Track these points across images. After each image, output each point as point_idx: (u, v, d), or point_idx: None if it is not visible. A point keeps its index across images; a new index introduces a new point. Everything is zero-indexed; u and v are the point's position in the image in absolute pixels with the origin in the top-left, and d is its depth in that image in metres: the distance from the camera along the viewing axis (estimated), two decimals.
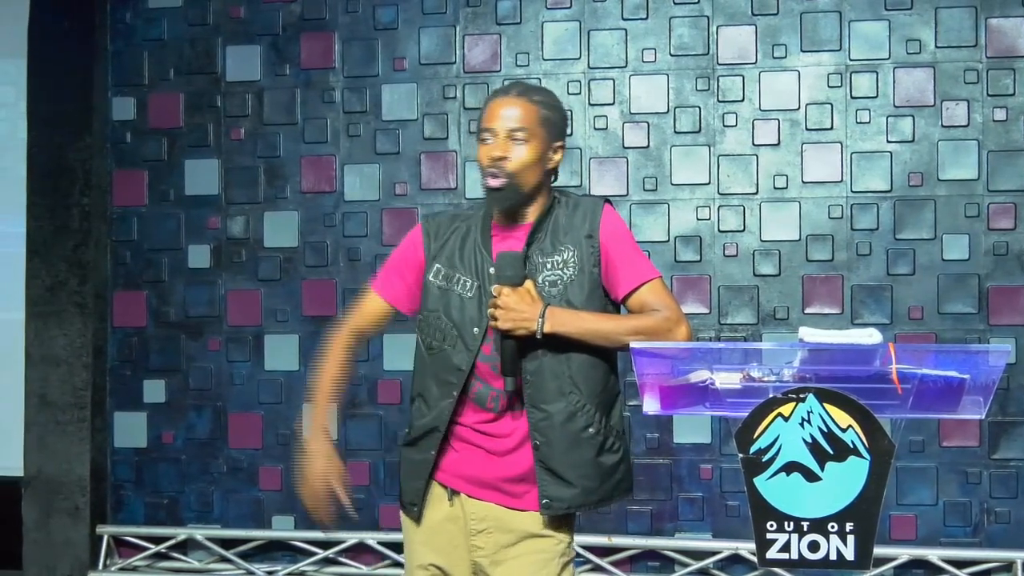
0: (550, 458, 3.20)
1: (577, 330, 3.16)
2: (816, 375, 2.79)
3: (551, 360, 3.20)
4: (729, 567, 5.73)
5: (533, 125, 3.21)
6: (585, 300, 3.23)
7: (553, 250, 3.25)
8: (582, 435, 3.21)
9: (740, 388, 2.82)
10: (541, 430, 3.20)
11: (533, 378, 3.21)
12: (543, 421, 3.20)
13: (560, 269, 3.22)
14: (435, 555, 3.36)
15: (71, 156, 6.16)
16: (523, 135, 3.20)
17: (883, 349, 2.77)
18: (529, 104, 3.23)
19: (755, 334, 5.75)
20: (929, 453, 5.65)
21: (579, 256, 3.23)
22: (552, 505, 3.22)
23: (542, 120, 3.24)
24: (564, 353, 3.20)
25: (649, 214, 5.84)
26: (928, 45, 5.69)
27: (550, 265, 3.23)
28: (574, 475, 3.21)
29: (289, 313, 6.12)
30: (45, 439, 6.17)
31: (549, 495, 3.22)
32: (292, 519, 6.11)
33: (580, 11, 5.93)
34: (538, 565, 3.25)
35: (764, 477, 2.78)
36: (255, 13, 6.19)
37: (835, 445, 2.75)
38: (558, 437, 3.19)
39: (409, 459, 3.39)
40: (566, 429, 3.20)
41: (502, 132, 3.20)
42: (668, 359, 2.93)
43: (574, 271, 3.22)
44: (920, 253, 5.68)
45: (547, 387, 3.20)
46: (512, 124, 3.20)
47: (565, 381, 3.20)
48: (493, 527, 3.29)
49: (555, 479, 3.21)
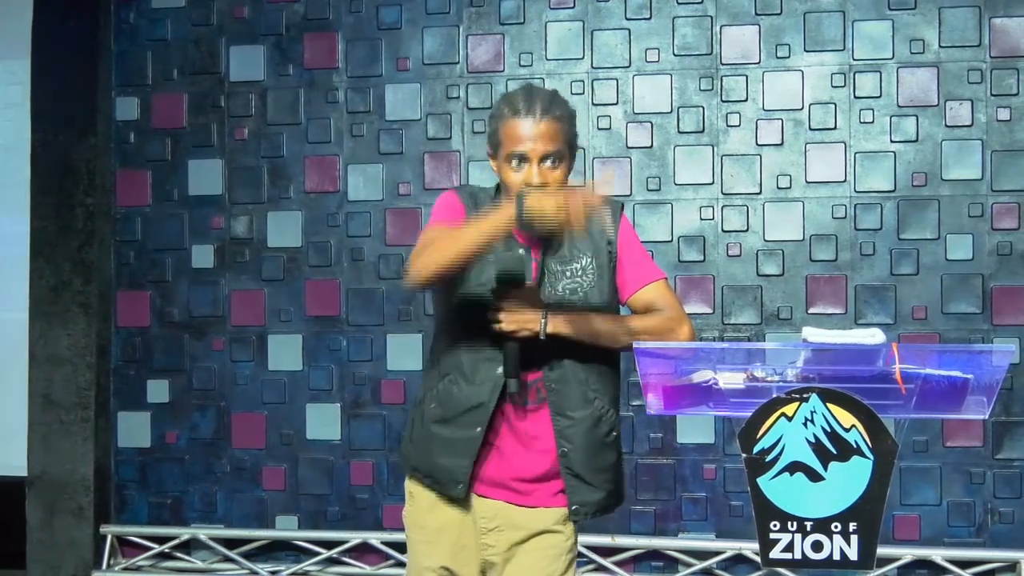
0: (577, 464, 3.22)
1: (579, 331, 3.16)
2: (820, 375, 2.79)
3: (574, 367, 3.21)
4: (732, 567, 5.73)
5: (563, 147, 3.19)
6: (606, 306, 3.24)
7: (571, 257, 3.25)
8: (606, 440, 3.25)
9: (744, 388, 2.82)
10: (568, 437, 3.21)
11: (558, 386, 3.22)
12: (569, 428, 3.21)
13: (579, 277, 3.22)
14: (443, 556, 3.35)
15: (75, 156, 6.17)
16: (556, 159, 3.18)
17: (886, 349, 2.77)
18: (556, 124, 3.18)
19: (758, 334, 5.75)
20: (933, 453, 5.65)
21: (598, 263, 3.24)
22: (581, 510, 3.25)
23: (570, 140, 3.22)
24: (586, 360, 3.21)
25: (653, 214, 5.84)
26: (932, 45, 5.69)
27: (569, 273, 3.23)
28: (600, 479, 3.25)
29: (293, 313, 6.12)
30: (49, 439, 6.17)
31: (578, 500, 3.24)
32: (295, 519, 6.11)
33: (583, 11, 5.93)
34: (548, 560, 3.27)
35: (767, 477, 2.78)
36: (259, 13, 6.19)
37: (838, 445, 2.75)
38: (584, 443, 3.21)
39: (442, 436, 3.28)
40: (592, 435, 3.22)
41: (535, 158, 3.16)
42: (672, 359, 2.93)
43: (594, 278, 3.23)
44: (924, 253, 5.67)
45: (572, 394, 3.21)
46: (545, 150, 3.15)
47: (589, 388, 3.22)
48: (504, 525, 3.30)
49: (582, 484, 3.23)
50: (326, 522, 6.09)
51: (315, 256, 6.10)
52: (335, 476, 6.08)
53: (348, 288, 6.06)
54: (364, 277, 6.04)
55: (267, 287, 6.15)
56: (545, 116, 3.17)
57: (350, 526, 6.05)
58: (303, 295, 6.11)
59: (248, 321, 6.16)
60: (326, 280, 6.10)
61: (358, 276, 6.05)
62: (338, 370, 6.07)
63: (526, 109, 3.19)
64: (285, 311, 6.13)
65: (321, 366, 6.09)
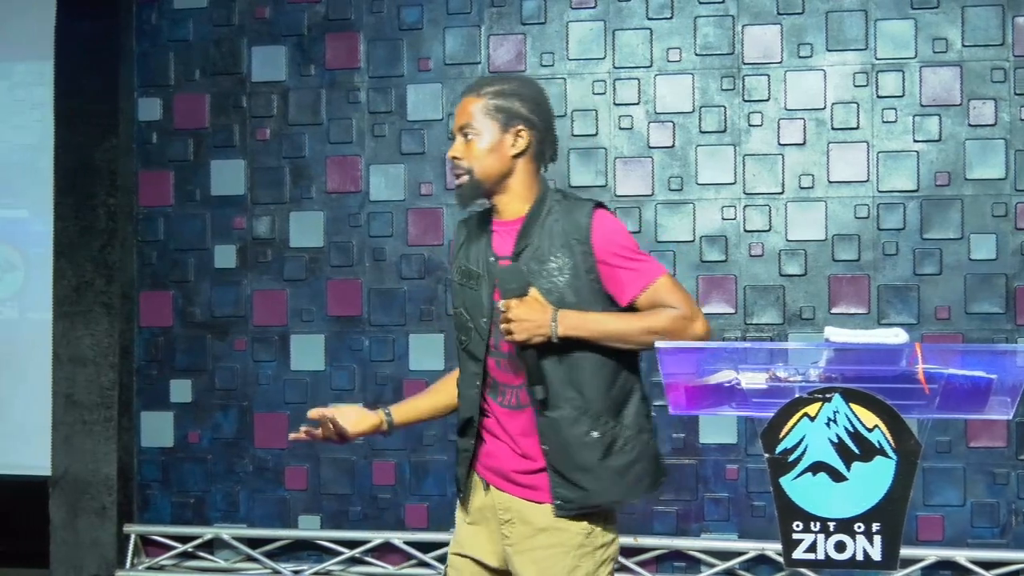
0: (558, 462, 3.23)
1: (590, 332, 3.17)
2: (842, 375, 2.78)
3: (554, 365, 3.22)
4: (755, 567, 5.72)
5: (480, 117, 3.30)
6: (584, 306, 3.22)
7: (547, 257, 3.26)
8: (585, 439, 3.21)
9: (766, 388, 2.82)
10: (547, 435, 3.24)
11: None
12: (547, 427, 3.23)
13: (555, 276, 3.23)
14: (471, 543, 3.43)
15: (97, 157, 6.19)
16: (472, 131, 3.30)
17: (909, 349, 2.76)
18: (476, 99, 3.32)
19: (781, 334, 5.74)
20: (956, 454, 5.63)
21: (573, 263, 3.23)
22: (564, 505, 3.25)
23: (489, 110, 3.31)
24: (567, 357, 3.22)
25: (674, 214, 5.83)
26: (955, 44, 5.67)
27: (545, 273, 3.23)
28: (581, 478, 3.22)
29: (314, 313, 6.13)
30: (72, 439, 6.20)
31: (560, 496, 3.25)
32: (318, 519, 6.13)
33: (605, 11, 5.93)
34: (552, 559, 3.26)
35: (790, 477, 2.77)
36: (280, 14, 6.21)
37: (861, 445, 2.74)
38: (563, 442, 3.22)
39: (457, 447, 3.49)
40: (570, 433, 3.22)
41: (457, 132, 3.34)
42: (694, 359, 2.92)
43: (569, 277, 3.23)
44: (947, 253, 5.65)
45: (552, 392, 3.22)
46: (461, 122, 3.33)
47: (567, 386, 3.22)
48: (516, 518, 3.32)
49: (564, 481, 3.23)
50: (348, 522, 6.10)
51: (337, 256, 6.11)
52: (357, 476, 6.09)
53: (370, 288, 6.07)
54: (386, 277, 6.05)
55: (289, 287, 6.17)
56: (469, 93, 3.36)
57: (372, 526, 6.06)
58: (325, 295, 6.12)
59: (270, 321, 6.18)
60: (348, 280, 6.11)
61: (380, 276, 6.05)
62: (360, 370, 6.08)
63: (463, 91, 3.44)
64: (307, 311, 6.14)
65: (343, 366, 6.10)
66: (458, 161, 3.31)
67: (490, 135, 3.29)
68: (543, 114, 3.36)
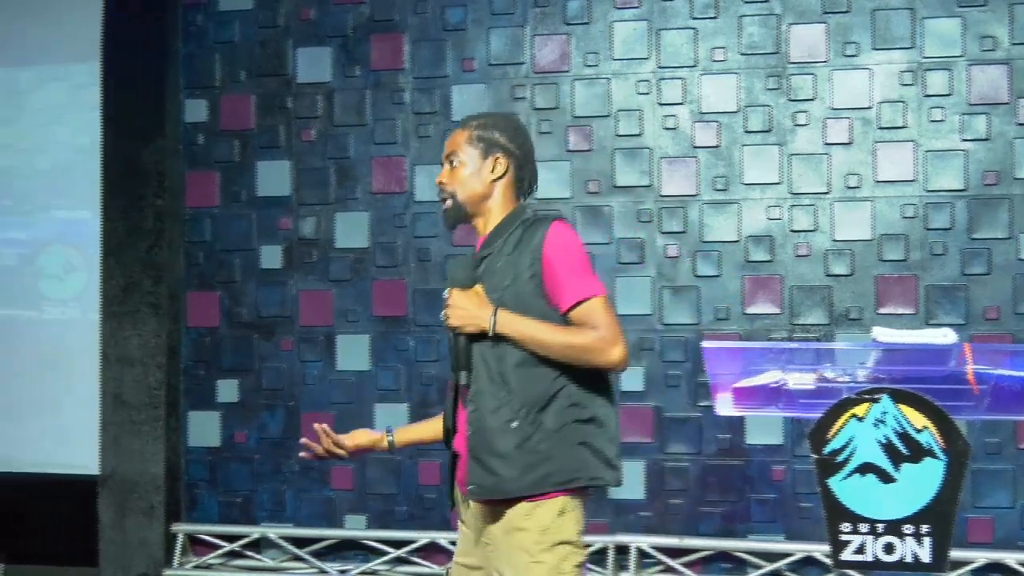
0: (477, 448, 3.37)
1: (519, 334, 3.33)
2: (890, 376, 2.77)
3: (488, 358, 3.38)
4: (802, 569, 5.69)
5: (462, 146, 3.57)
6: (523, 312, 3.36)
7: (501, 264, 3.43)
8: (503, 427, 3.34)
9: (813, 389, 2.81)
10: (471, 422, 3.39)
11: (474, 382, 3.41)
12: (473, 413, 3.39)
13: (504, 281, 3.39)
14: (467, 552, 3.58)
15: (144, 158, 6.24)
16: (457, 158, 3.56)
17: (958, 349, 2.75)
18: (462, 131, 3.60)
19: (828, 335, 5.70)
20: (1006, 455, 5.59)
21: (518, 272, 3.39)
22: (477, 491, 3.38)
23: (472, 140, 3.58)
24: (500, 353, 3.36)
25: (720, 214, 5.81)
26: (1002, 42, 5.62)
27: (497, 276, 3.42)
28: (496, 464, 3.33)
29: (360, 313, 6.15)
30: (120, 439, 6.24)
31: (475, 481, 3.38)
32: (364, 518, 6.15)
33: (649, 10, 5.91)
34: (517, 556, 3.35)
35: (838, 478, 2.76)
36: (325, 15, 6.23)
37: (910, 446, 2.73)
38: (483, 427, 3.36)
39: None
40: (491, 420, 3.35)
41: (445, 161, 3.60)
42: (740, 359, 2.92)
43: (511, 279, 3.39)
44: (996, 252, 5.61)
45: (481, 383, 3.38)
46: (448, 151, 3.59)
47: (496, 378, 3.37)
48: (488, 523, 3.44)
49: (479, 466, 3.36)
50: (394, 522, 6.11)
51: (382, 257, 6.13)
52: (403, 476, 6.10)
53: (415, 288, 6.08)
54: (431, 277, 6.06)
55: (335, 287, 6.19)
56: (458, 128, 3.64)
57: (418, 526, 6.07)
58: (370, 295, 6.14)
59: (316, 321, 6.20)
60: (393, 280, 6.12)
61: (424, 276, 6.07)
62: (405, 370, 6.09)
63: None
64: (352, 311, 6.16)
65: (388, 366, 6.12)
66: (443, 186, 3.57)
67: (472, 162, 3.56)
68: (522, 145, 3.62)
